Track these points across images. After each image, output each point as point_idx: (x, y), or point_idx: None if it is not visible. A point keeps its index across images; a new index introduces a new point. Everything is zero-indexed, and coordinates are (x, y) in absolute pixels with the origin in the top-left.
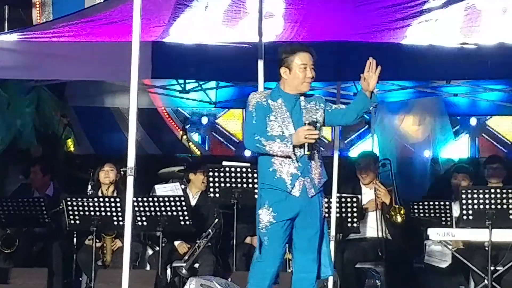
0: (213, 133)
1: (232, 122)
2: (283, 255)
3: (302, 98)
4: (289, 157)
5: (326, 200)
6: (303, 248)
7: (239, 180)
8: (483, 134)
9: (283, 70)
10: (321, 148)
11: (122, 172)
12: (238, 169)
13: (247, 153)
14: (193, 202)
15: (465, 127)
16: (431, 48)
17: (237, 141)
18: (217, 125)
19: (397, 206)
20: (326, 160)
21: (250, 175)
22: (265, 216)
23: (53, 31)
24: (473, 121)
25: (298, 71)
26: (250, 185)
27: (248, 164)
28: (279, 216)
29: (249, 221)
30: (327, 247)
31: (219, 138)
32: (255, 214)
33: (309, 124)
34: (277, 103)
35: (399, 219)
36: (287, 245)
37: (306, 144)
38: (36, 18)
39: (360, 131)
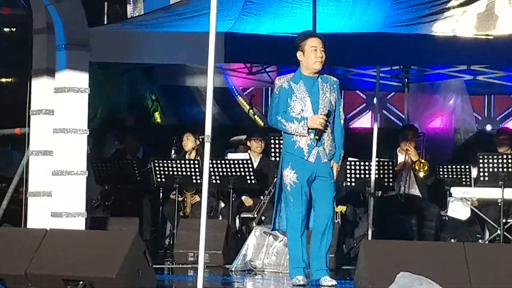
0: None
1: None
2: (305, 218)
3: (319, 79)
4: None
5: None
6: (320, 199)
7: None
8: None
9: (298, 54)
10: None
11: (200, 139)
12: None
13: None
14: (255, 164)
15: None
16: (454, 38)
17: None
18: None
19: (422, 160)
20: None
21: None
22: (289, 175)
23: (144, 23)
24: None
25: (310, 52)
26: None
27: None
28: (299, 177)
29: None
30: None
31: None
32: None
33: (325, 115)
34: (298, 85)
35: (421, 174)
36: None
37: (316, 130)
38: (130, 13)
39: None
